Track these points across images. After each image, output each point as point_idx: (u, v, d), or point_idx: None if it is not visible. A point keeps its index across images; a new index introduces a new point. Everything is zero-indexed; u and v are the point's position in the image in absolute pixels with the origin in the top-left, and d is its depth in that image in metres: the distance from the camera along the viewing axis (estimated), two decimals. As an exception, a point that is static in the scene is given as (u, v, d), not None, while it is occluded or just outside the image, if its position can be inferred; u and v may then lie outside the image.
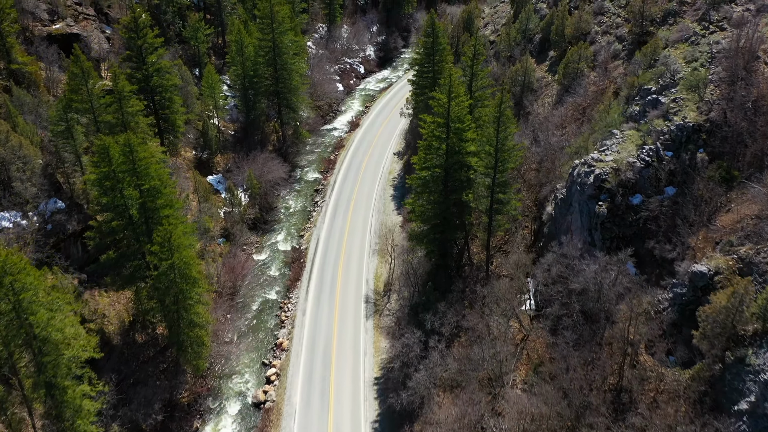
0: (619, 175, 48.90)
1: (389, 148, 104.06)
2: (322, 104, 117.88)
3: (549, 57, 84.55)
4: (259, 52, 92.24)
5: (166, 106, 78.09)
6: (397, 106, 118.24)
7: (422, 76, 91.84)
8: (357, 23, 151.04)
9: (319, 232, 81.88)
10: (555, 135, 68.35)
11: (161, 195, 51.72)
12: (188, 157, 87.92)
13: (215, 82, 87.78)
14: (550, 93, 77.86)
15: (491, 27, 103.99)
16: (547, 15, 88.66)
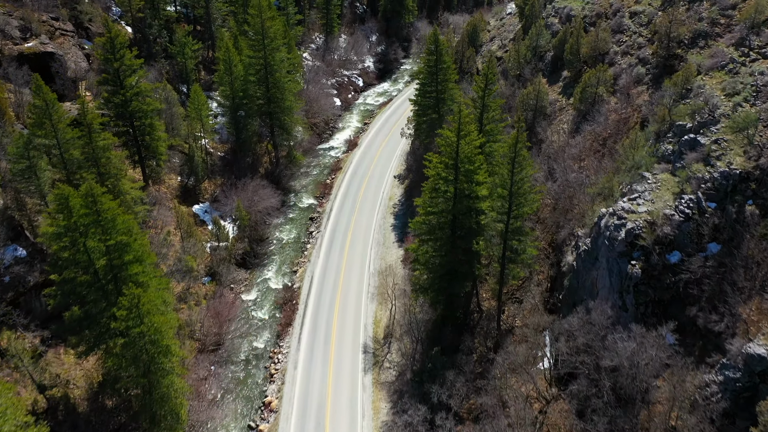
0: (654, 230, 42.48)
1: (389, 171, 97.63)
2: (318, 121, 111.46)
3: (562, 78, 78.14)
4: (250, 70, 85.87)
5: (146, 132, 71.66)
6: (397, 123, 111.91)
7: (425, 96, 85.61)
8: (355, 33, 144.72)
9: (313, 269, 75.37)
10: (572, 169, 61.93)
11: (130, 250, 45.25)
12: (172, 185, 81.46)
13: (202, 103, 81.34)
14: (565, 119, 71.44)
15: (498, 41, 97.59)
16: (559, 32, 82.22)
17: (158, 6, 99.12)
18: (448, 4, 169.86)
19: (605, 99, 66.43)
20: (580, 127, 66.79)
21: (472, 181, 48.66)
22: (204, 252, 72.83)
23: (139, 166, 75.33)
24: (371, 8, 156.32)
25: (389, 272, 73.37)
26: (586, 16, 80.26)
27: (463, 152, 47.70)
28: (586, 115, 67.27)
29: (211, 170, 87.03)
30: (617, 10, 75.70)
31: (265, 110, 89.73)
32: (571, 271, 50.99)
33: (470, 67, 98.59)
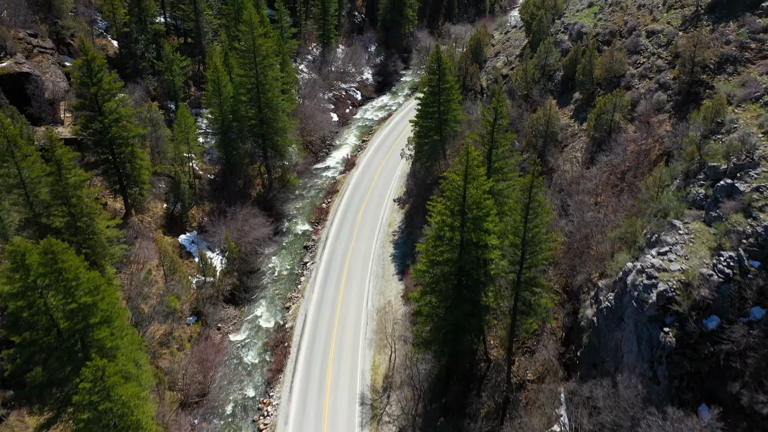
0: (690, 292, 37.40)
1: (388, 194, 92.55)
2: (314, 139, 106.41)
3: (573, 100, 73.04)
4: (241, 89, 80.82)
5: (127, 160, 66.54)
6: (397, 141, 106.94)
7: (426, 117, 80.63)
8: (354, 44, 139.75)
9: (307, 305, 70.24)
10: (588, 205, 56.79)
11: (96, 311, 40.11)
12: (157, 213, 76.33)
13: (189, 126, 76.24)
14: (578, 146, 66.34)
15: (503, 57, 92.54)
16: (570, 50, 77.15)
17: (145, 19, 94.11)
18: (448, 13, 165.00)
19: (622, 127, 61.36)
20: (596, 158, 61.68)
21: (480, 229, 43.54)
22: (189, 288, 67.72)
23: (120, 195, 70.20)
24: (370, 18, 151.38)
25: (389, 309, 68.47)
26: (598, 34, 75.20)
27: (471, 197, 42.60)
28: (602, 144, 62.18)
29: (199, 195, 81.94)
30: (633, 28, 70.67)
31: (258, 131, 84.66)
32: (590, 327, 45.87)
33: (474, 84, 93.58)
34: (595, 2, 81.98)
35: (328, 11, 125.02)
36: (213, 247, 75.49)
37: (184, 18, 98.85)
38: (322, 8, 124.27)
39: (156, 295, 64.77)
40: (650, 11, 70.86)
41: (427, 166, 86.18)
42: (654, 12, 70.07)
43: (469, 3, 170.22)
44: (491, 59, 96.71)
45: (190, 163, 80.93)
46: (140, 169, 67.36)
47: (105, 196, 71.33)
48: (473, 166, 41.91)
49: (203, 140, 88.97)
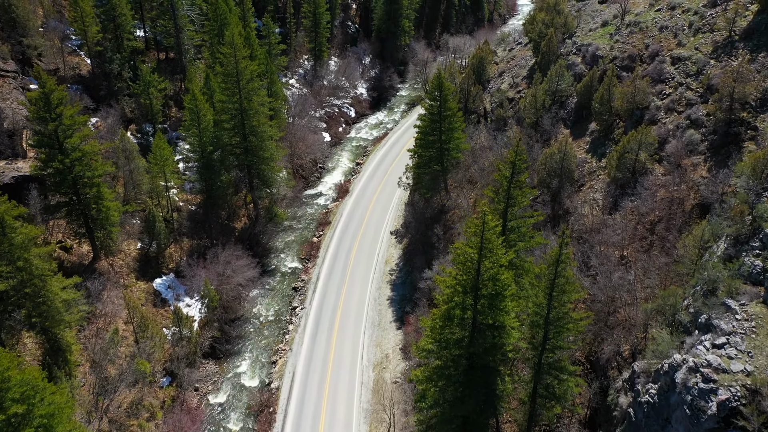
0: (759, 402, 30.64)
1: (385, 225, 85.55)
2: (304, 162, 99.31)
3: (589, 131, 66.30)
4: (223, 116, 73.69)
5: (92, 202, 59.32)
6: (394, 163, 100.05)
7: (426, 146, 73.80)
8: (347, 56, 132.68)
9: (295, 361, 63.18)
10: (613, 260, 50.00)
11: (31, 417, 32.89)
12: (130, 254, 69.07)
13: (165, 159, 69.04)
14: (597, 186, 59.56)
15: (509, 78, 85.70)
16: (584, 75, 70.43)
17: (121, 37, 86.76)
18: (446, 23, 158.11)
19: (649, 168, 54.65)
20: (619, 202, 54.89)
21: (496, 308, 36.62)
22: (164, 344, 60.51)
23: (88, 239, 62.98)
24: (364, 28, 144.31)
25: (386, 365, 61.70)
26: (616, 58, 68.45)
27: (487, 273, 35.69)
28: (625, 187, 55.47)
29: (178, 231, 74.74)
30: (655, 53, 63.99)
31: (243, 161, 77.52)
32: (625, 419, 39.03)
33: (476, 107, 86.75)
34: (610, 21, 75.31)
35: (319, 23, 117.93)
36: (192, 292, 68.32)
37: (165, 34, 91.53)
38: (314, 20, 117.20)
39: (125, 355, 57.69)
40: (674, 34, 64.24)
41: (427, 197, 79.35)
42: (679, 35, 63.43)
43: (467, 12, 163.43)
44: (495, 79, 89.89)
45: (168, 196, 73.64)
46: (108, 211, 60.08)
47: (70, 239, 64.10)
48: (490, 237, 34.98)
49: (184, 166, 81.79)
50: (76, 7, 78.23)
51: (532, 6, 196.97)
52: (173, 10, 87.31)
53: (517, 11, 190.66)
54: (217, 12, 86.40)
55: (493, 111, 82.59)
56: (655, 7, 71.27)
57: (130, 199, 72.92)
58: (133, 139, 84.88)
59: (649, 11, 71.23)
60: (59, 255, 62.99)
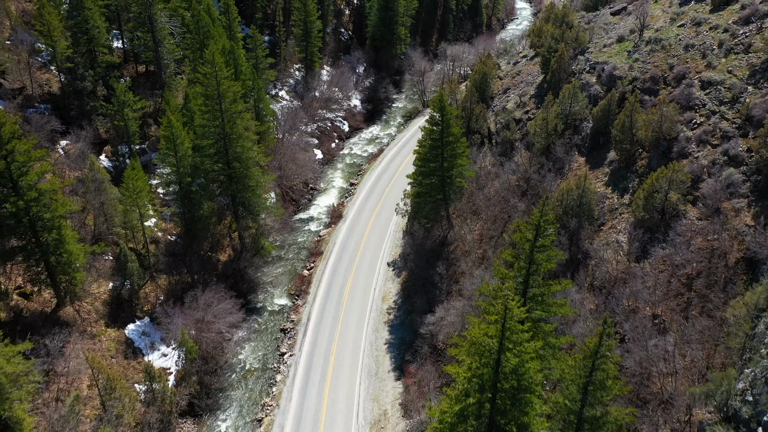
0: None
1: (382, 255, 79.04)
2: (295, 184, 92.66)
3: (608, 161, 59.99)
4: (205, 141, 67.04)
5: (52, 246, 52.58)
6: (391, 184, 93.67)
7: (426, 174, 67.46)
8: (340, 65, 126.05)
9: (283, 420, 56.64)
10: (645, 322, 43.71)
11: None
12: (101, 296, 62.34)
13: (138, 191, 62.29)
14: (620, 227, 53.23)
15: (515, 96, 79.26)
16: (601, 98, 64.14)
17: (95, 50, 79.84)
18: (443, 29, 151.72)
19: (681, 210, 48.36)
20: (648, 249, 48.59)
21: (520, 406, 30.19)
22: (135, 405, 53.82)
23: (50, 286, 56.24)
24: (357, 36, 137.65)
25: (384, 424, 55.28)
26: (636, 80, 62.16)
27: (509, 366, 29.27)
28: (654, 231, 49.19)
29: (155, 267, 68.03)
30: (681, 75, 57.76)
31: (226, 189, 70.88)
32: None
33: (480, 127, 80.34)
34: (627, 37, 69.03)
35: (311, 32, 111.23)
36: (168, 339, 61.65)
37: (143, 47, 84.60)
38: (305, 29, 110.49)
39: (90, 419, 51.07)
40: (702, 54, 58.01)
41: (427, 227, 72.98)
42: (708, 56, 57.21)
43: (464, 17, 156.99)
44: (499, 96, 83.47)
45: (143, 229, 66.86)
46: (71, 256, 53.35)
47: (30, 285, 57.29)
48: (513, 327, 28.54)
49: (164, 190, 74.93)
50: (42, 20, 71.35)
51: (530, 9, 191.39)
52: (151, 23, 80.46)
53: (515, 15, 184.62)
54: (199, 24, 79.64)
55: (499, 132, 76.23)
56: (678, 22, 65.05)
57: (101, 233, 66.25)
58: (108, 162, 78.36)
59: (671, 27, 65.00)
60: (18, 303, 56.34)
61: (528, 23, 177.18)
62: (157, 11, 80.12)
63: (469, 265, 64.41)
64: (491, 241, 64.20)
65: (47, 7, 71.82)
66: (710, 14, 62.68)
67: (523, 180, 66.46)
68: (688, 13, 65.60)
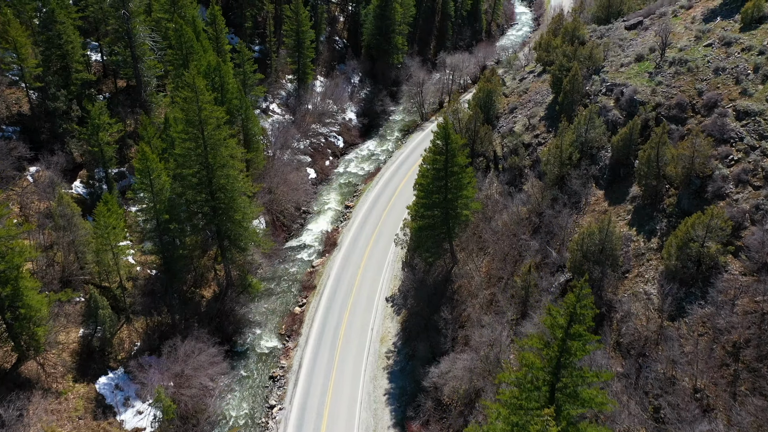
0: None
1: (379, 289, 73.21)
2: (286, 207, 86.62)
3: (630, 196, 54.23)
4: (186, 170, 61.04)
5: (8, 300, 46.55)
6: (389, 206, 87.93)
7: (429, 207, 61.75)
8: (334, 75, 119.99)
9: (271, 489, 50.81)
10: (682, 395, 38.00)
11: None
12: (69, 345, 56.42)
13: (110, 229, 56.22)
14: (648, 275, 47.50)
15: (523, 118, 73.40)
16: (620, 125, 58.45)
17: (70, 67, 73.69)
18: (441, 36, 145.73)
19: (721, 263, 42.68)
20: (684, 307, 42.89)
21: None
22: (104, 476, 47.88)
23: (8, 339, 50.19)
24: (352, 44, 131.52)
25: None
26: (659, 105, 56.46)
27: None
28: (690, 285, 43.49)
29: (131, 308, 62.04)
30: (713, 102, 52.11)
31: (210, 220, 64.86)
32: None
33: (485, 150, 74.49)
34: (646, 56, 63.33)
35: (303, 43, 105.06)
36: (144, 394, 55.66)
37: (121, 63, 78.37)
38: (296, 39, 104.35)
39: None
40: (735, 79, 52.41)
41: (429, 261, 67.22)
42: (742, 81, 51.60)
43: (463, 23, 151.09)
44: (505, 116, 77.65)
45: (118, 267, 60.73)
46: (30, 309, 47.31)
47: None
48: None
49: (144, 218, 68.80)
50: (7, 36, 65.22)
51: (530, 14, 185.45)
52: (129, 37, 74.28)
53: (515, 21, 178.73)
54: (182, 39, 73.50)
55: (506, 157, 70.44)
56: (704, 41, 59.37)
57: (72, 273, 60.22)
58: (82, 189, 72.53)
59: (697, 46, 59.31)
60: (-27, 360, 50.32)
61: (528, 29, 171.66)
62: (136, 25, 73.95)
63: (476, 308, 58.72)
64: (500, 282, 58.45)
65: (13, 23, 65.72)
66: (741, 33, 57.06)
67: (534, 214, 60.69)
68: (714, 30, 59.95)
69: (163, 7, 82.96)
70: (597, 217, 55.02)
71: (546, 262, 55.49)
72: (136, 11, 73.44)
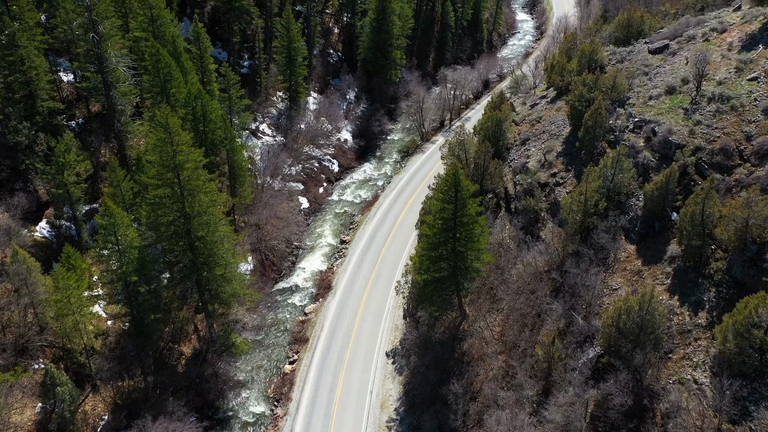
0: None
1: (379, 341, 66.20)
2: (277, 244, 79.36)
3: (668, 256, 47.23)
4: (160, 217, 53.80)
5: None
6: (388, 241, 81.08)
7: (435, 260, 54.66)
8: (329, 92, 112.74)
9: None
10: None
11: None
12: (25, 426, 48.99)
13: (70, 291, 48.89)
14: (696, 357, 40.54)
15: (537, 152, 66.22)
16: (654, 172, 51.48)
17: (35, 95, 66.32)
18: (441, 47, 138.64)
19: (792, 355, 35.73)
20: (748, 408, 35.87)
21: None
22: None
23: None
24: (347, 57, 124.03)
25: None
26: (700, 150, 49.51)
27: None
28: (753, 377, 36.51)
29: (97, 375, 54.70)
30: (765, 150, 45.13)
31: (188, 274, 57.62)
32: None
33: (495, 186, 67.43)
34: (679, 88, 56.37)
35: (295, 60, 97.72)
36: (111, 483, 48.39)
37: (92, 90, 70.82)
38: (288, 56, 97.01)
39: None
40: (790, 123, 45.33)
41: (436, 315, 60.18)
42: (799, 126, 44.52)
43: (464, 34, 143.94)
44: (517, 147, 70.58)
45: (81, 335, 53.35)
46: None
47: None
48: None
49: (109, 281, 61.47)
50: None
51: (532, 22, 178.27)
52: (100, 62, 66.80)
53: (516, 29, 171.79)
54: (158, 66, 66.13)
55: (519, 197, 63.36)
56: (747, 73, 52.49)
57: (29, 339, 52.86)
58: (47, 231, 65.07)
59: (739, 80, 52.41)
60: None
61: (531, 38, 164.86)
62: (108, 48, 66.46)
63: (489, 379, 51.62)
64: (518, 351, 51.38)
65: (-35, 51, 58.31)
66: (791, 66, 50.19)
67: (555, 269, 53.61)
68: (758, 61, 53.05)
69: (140, 26, 75.45)
70: (629, 279, 48.13)
71: (571, 329, 48.44)
72: (108, 34, 65.94)
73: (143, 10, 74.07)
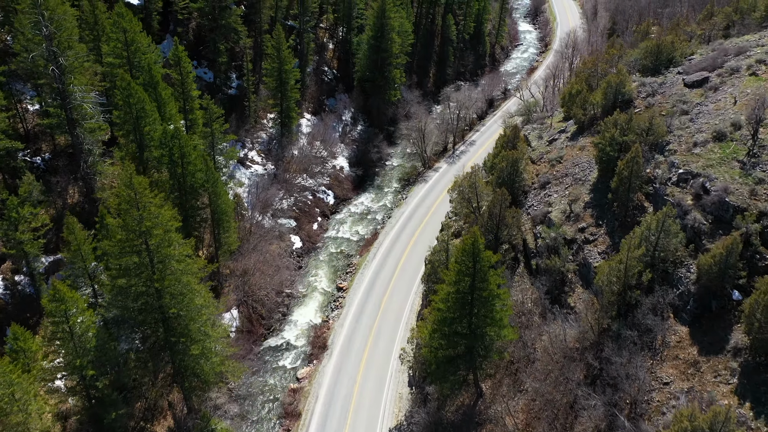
0: None
1: (381, 416, 58.31)
2: (265, 293, 71.19)
3: (731, 346, 39.44)
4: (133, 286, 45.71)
5: None
6: (390, 290, 73.16)
7: (449, 337, 46.65)
8: (323, 113, 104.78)
9: None
10: None
11: None
12: None
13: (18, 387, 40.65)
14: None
15: (560, 200, 58.31)
16: (710, 241, 43.67)
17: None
18: (442, 62, 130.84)
19: None
20: None
21: None
22: None
23: None
24: (343, 74, 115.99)
25: None
26: (764, 215, 41.73)
27: None
28: None
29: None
30: None
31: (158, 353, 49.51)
32: None
33: (511, 237, 59.54)
34: (729, 134, 48.67)
35: (286, 83, 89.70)
36: None
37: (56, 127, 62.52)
38: (278, 80, 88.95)
39: None
40: None
41: (448, 394, 52.22)
42: None
43: (465, 48, 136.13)
44: (535, 191, 62.74)
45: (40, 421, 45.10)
46: None
47: None
48: None
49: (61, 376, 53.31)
50: None
51: (535, 33, 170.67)
52: (63, 98, 58.59)
53: (519, 41, 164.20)
54: (130, 101, 57.97)
55: (541, 252, 55.43)
56: (813, 121, 44.75)
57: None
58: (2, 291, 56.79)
59: (805, 129, 44.67)
60: None
61: (534, 50, 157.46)
62: (72, 83, 58.24)
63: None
64: (550, 451, 43.46)
65: None
66: None
67: (589, 348, 45.73)
68: (825, 106, 45.36)
69: (113, 51, 67.13)
70: (683, 371, 40.35)
71: (614, 432, 40.60)
72: (71, 66, 57.68)
73: (116, 34, 65.75)
